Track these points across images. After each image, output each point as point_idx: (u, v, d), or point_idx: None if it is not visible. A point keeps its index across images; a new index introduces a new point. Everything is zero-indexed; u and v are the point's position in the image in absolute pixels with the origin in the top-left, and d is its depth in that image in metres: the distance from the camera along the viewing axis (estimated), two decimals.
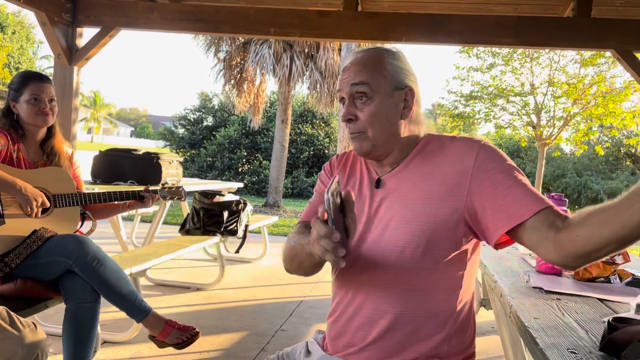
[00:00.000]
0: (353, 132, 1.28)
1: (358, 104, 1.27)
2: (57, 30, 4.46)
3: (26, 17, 35.21)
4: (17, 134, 2.30)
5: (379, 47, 1.32)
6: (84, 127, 54.01)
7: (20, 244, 2.19)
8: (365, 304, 1.25)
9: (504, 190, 1.15)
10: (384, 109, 1.26)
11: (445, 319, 1.22)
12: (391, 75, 1.27)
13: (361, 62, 1.28)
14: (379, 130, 1.26)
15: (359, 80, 1.26)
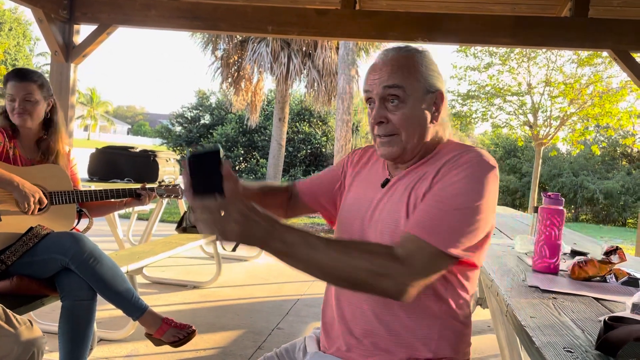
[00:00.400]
0: (383, 134, 1.24)
1: (389, 106, 1.22)
2: (54, 27, 4.44)
3: (23, 14, 35.08)
4: (12, 132, 2.30)
5: (409, 46, 1.27)
6: (80, 124, 53.87)
7: (16, 241, 2.18)
8: (349, 303, 1.26)
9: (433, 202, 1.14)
10: (417, 113, 1.22)
11: (428, 323, 1.20)
12: (424, 78, 1.23)
13: (394, 63, 1.23)
14: (412, 134, 1.23)
15: (392, 83, 1.21)
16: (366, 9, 4.61)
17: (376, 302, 1.21)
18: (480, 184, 1.14)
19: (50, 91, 2.39)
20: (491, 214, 1.17)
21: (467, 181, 1.14)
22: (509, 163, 19.91)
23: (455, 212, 1.12)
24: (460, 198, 1.13)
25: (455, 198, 1.13)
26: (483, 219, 1.14)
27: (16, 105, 2.26)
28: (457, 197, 1.13)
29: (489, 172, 1.16)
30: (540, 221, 1.72)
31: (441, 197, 1.14)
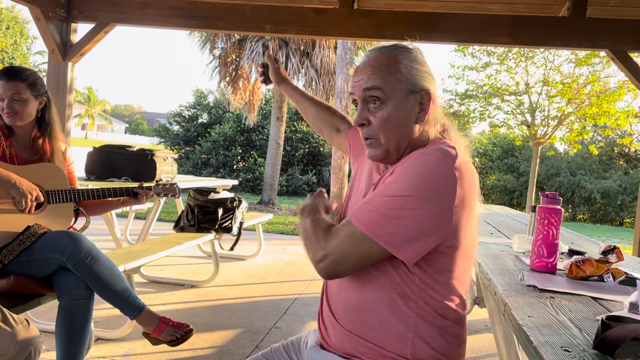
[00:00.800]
0: (365, 136, 1.25)
1: (371, 107, 1.22)
2: (52, 25, 4.43)
3: (20, 12, 35.00)
4: (7, 130, 2.29)
5: (394, 45, 1.25)
6: (77, 123, 53.76)
7: (13, 240, 2.17)
8: (334, 296, 1.30)
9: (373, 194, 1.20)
10: (398, 114, 1.21)
11: (402, 320, 1.18)
12: (406, 78, 1.21)
13: (374, 64, 1.22)
14: (391, 136, 1.22)
15: (371, 85, 1.21)
16: (364, 8, 4.61)
17: (353, 297, 1.23)
18: (416, 175, 1.12)
19: (43, 89, 2.35)
20: (436, 209, 1.11)
21: (404, 172, 1.15)
22: (507, 162, 19.93)
23: (381, 199, 1.15)
24: (392, 187, 1.15)
25: (388, 186, 1.16)
26: (412, 210, 1.11)
27: (5, 105, 2.23)
28: (390, 185, 1.16)
29: (434, 164, 1.12)
30: (538, 220, 1.72)
31: (381, 186, 1.20)
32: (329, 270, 1.18)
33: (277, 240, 7.48)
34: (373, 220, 1.13)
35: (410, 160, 1.17)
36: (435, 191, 1.11)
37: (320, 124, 1.80)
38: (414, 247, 1.12)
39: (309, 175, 17.84)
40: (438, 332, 1.20)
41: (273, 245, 6.96)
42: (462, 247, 1.18)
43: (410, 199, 1.11)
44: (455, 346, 1.23)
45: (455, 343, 1.23)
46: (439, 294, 1.19)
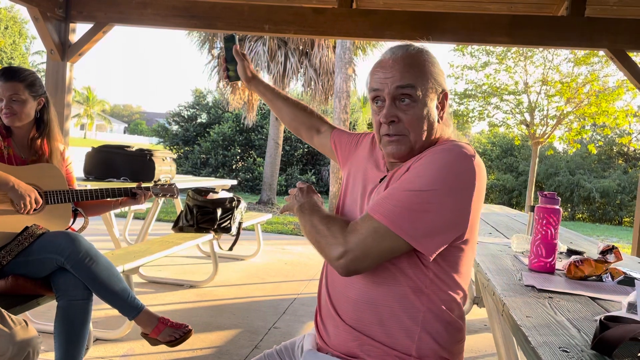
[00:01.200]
0: (393, 133, 1.24)
1: (401, 105, 1.23)
2: (50, 25, 4.43)
3: (19, 12, 34.97)
4: (5, 131, 2.28)
5: (415, 46, 1.27)
6: (76, 123, 53.72)
7: (11, 241, 2.17)
8: (338, 293, 1.30)
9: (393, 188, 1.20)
10: (427, 113, 1.24)
11: (412, 315, 1.20)
12: (433, 77, 1.24)
13: (406, 62, 1.23)
14: (421, 134, 1.24)
15: (405, 83, 1.21)
16: (363, 8, 4.61)
17: (362, 291, 1.24)
18: (439, 170, 1.15)
19: (42, 90, 2.35)
20: (457, 204, 1.14)
21: (426, 167, 1.16)
22: (506, 162, 19.94)
23: (404, 193, 1.16)
24: (415, 181, 1.16)
25: (409, 181, 1.16)
26: (436, 205, 1.13)
27: (3, 106, 2.23)
28: (411, 180, 1.16)
29: (455, 159, 1.16)
30: (537, 220, 1.72)
31: (400, 181, 1.19)
32: (349, 267, 1.16)
33: (276, 240, 7.48)
34: (397, 214, 1.14)
35: (430, 156, 1.18)
36: (458, 186, 1.14)
37: (297, 125, 1.74)
38: (436, 241, 1.15)
39: (308, 175, 17.84)
40: (444, 327, 1.22)
41: (272, 245, 6.96)
42: (472, 241, 1.23)
43: (435, 193, 1.13)
44: (457, 342, 1.26)
45: (458, 338, 1.26)
46: (448, 288, 1.23)
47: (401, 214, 1.14)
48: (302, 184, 1.41)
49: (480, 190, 1.18)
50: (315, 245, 1.24)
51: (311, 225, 1.26)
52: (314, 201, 1.33)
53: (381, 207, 1.16)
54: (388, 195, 1.17)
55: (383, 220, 1.14)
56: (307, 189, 1.38)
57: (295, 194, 1.38)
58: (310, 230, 1.26)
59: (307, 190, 1.37)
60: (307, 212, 1.29)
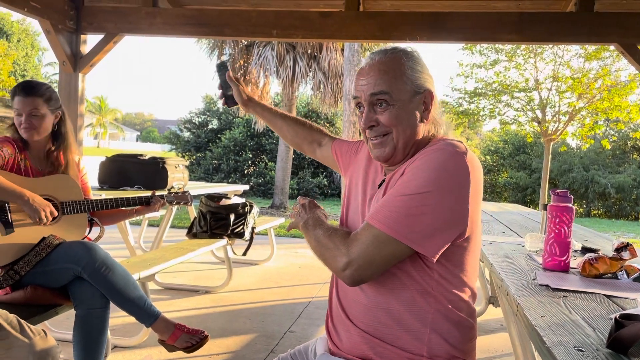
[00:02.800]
0: (375, 136, 1.27)
1: (378, 109, 1.26)
2: (62, 37, 4.49)
3: (31, 25, 35.41)
4: (22, 143, 2.32)
5: (395, 48, 1.29)
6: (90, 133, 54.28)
7: (29, 252, 2.21)
8: (349, 298, 1.31)
9: (389, 195, 1.20)
10: (405, 114, 1.25)
11: (420, 317, 1.21)
12: (410, 80, 1.25)
13: (380, 68, 1.25)
14: (402, 133, 1.25)
15: (378, 90, 1.24)
16: (370, 10, 4.61)
17: (371, 296, 1.25)
18: (433, 171, 1.16)
19: (58, 103, 2.39)
20: (454, 202, 1.16)
21: (420, 169, 1.17)
22: (519, 160, 19.78)
23: (400, 198, 1.16)
24: (410, 185, 1.16)
25: (405, 186, 1.17)
26: (432, 206, 1.14)
27: (23, 120, 2.27)
28: (407, 184, 1.17)
29: (448, 158, 1.17)
30: (550, 219, 1.71)
31: (396, 186, 1.20)
32: (355, 276, 1.17)
33: (289, 244, 7.49)
34: (395, 220, 1.15)
35: (423, 157, 1.19)
36: (452, 185, 1.15)
37: (299, 142, 1.76)
38: (436, 242, 1.16)
39: (320, 178, 17.85)
40: (454, 326, 1.23)
41: (285, 249, 6.97)
42: (474, 238, 1.24)
43: (430, 194, 1.14)
44: (469, 340, 1.27)
45: (469, 337, 1.27)
46: (454, 287, 1.24)
47: (399, 219, 1.15)
48: (303, 200, 1.41)
49: (476, 187, 1.18)
50: (321, 258, 1.26)
51: (315, 239, 1.27)
52: (317, 215, 1.34)
53: (379, 214, 1.17)
54: (385, 202, 1.19)
55: (382, 227, 1.16)
56: (309, 204, 1.39)
57: (299, 210, 1.39)
58: (316, 245, 1.27)
59: (309, 206, 1.39)
60: (311, 227, 1.30)
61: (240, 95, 1.73)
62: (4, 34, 32.21)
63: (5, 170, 2.23)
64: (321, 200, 16.91)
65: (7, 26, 33.28)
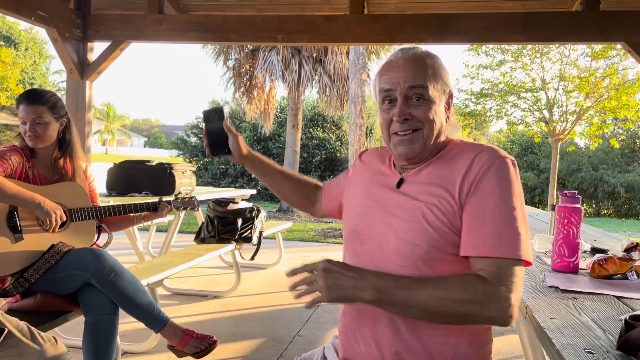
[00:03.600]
0: (405, 130, 1.25)
1: (412, 103, 1.25)
2: (69, 45, 4.53)
3: (38, 34, 35.72)
4: (30, 152, 2.34)
5: (424, 49, 1.30)
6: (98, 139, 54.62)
7: (38, 259, 2.22)
8: (366, 306, 1.24)
9: (483, 218, 1.15)
10: (438, 112, 1.27)
11: (447, 326, 1.20)
12: (443, 81, 1.28)
13: (418, 62, 1.26)
14: (433, 129, 1.26)
15: (418, 83, 1.24)
16: (375, 13, 4.62)
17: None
18: (511, 183, 1.18)
19: (63, 110, 2.40)
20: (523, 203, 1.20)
21: (500, 186, 1.17)
22: (527, 160, 19.69)
23: (506, 219, 1.15)
24: (503, 205, 1.16)
25: (499, 207, 1.16)
26: (523, 211, 1.18)
27: (27, 129, 2.28)
28: (499, 205, 1.16)
29: (511, 167, 1.20)
30: (558, 220, 1.70)
31: (486, 211, 1.16)
32: (515, 314, 1.11)
33: (297, 248, 7.49)
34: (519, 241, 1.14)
35: (494, 170, 1.18)
36: (520, 187, 1.21)
37: (301, 199, 1.64)
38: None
39: (327, 181, 17.82)
40: (475, 330, 1.23)
41: (294, 252, 6.97)
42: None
43: (520, 207, 1.17)
44: (487, 343, 1.27)
45: (487, 340, 1.27)
46: None
47: (515, 238, 1.14)
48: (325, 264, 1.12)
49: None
50: (458, 318, 1.12)
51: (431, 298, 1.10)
52: (381, 275, 1.13)
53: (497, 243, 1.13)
54: (493, 229, 1.14)
55: (510, 254, 1.12)
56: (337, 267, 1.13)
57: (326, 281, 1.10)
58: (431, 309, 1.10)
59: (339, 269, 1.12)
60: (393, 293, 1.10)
61: (239, 147, 1.53)
62: (12, 42, 32.51)
63: (14, 179, 2.24)
64: None
65: (15, 35, 33.60)
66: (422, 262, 1.19)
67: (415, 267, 1.19)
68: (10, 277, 2.23)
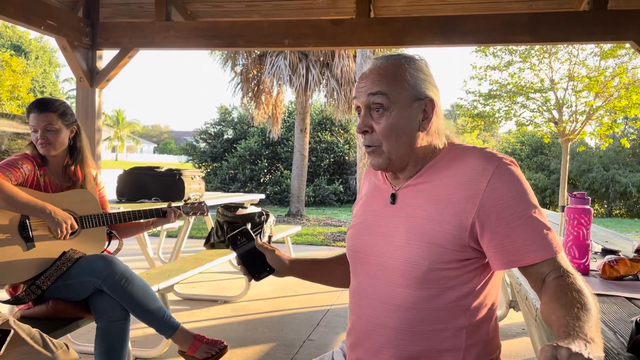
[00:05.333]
0: (368, 144, 1.23)
1: (374, 115, 1.21)
2: (78, 54, 4.57)
3: (48, 42, 36.09)
4: (41, 159, 2.37)
5: (399, 54, 1.25)
6: (107, 146, 55.00)
7: (50, 266, 2.24)
8: (373, 318, 1.24)
9: (508, 230, 1.13)
10: (402, 121, 1.20)
11: (453, 336, 1.18)
12: (411, 85, 1.21)
13: (380, 71, 1.22)
14: (395, 144, 1.21)
15: (376, 90, 1.20)
16: (381, 16, 4.62)
17: (401, 319, 1.20)
18: (525, 185, 1.19)
19: (73, 118, 2.43)
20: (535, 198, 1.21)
21: (517, 189, 1.17)
22: (537, 161, 19.56)
23: (532, 220, 1.15)
24: (522, 207, 1.15)
25: (522, 211, 1.15)
26: (539, 206, 1.19)
27: (39, 136, 2.31)
28: (521, 209, 1.15)
29: (517, 167, 1.21)
30: (567, 222, 1.69)
31: (510, 219, 1.14)
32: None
33: (306, 252, 7.50)
34: (555, 238, 1.15)
35: (508, 177, 1.17)
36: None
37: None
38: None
39: (336, 184, 17.84)
40: (485, 334, 1.24)
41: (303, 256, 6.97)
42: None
43: (538, 208, 1.18)
44: (497, 348, 1.28)
45: (496, 344, 1.28)
46: (488, 298, 1.25)
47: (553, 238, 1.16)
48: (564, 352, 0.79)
49: None
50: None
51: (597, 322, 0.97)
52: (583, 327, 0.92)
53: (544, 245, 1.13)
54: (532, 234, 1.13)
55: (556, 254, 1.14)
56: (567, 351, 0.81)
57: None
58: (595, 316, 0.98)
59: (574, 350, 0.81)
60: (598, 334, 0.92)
61: (280, 261, 1.39)
62: (22, 51, 32.86)
63: (26, 187, 2.27)
64: (337, 207, 16.89)
65: (26, 44, 33.97)
66: (425, 281, 1.17)
67: (418, 286, 1.17)
68: (23, 285, 2.25)
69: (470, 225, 1.15)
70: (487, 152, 1.20)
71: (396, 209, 1.25)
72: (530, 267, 1.14)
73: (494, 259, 1.16)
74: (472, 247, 1.17)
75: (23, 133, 7.63)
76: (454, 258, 1.16)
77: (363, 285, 1.28)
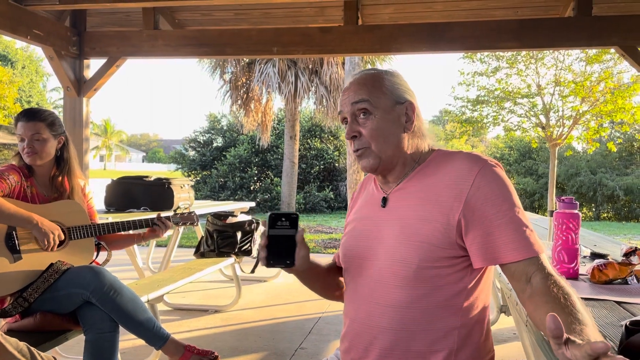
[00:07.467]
0: (358, 148, 1.30)
1: (360, 120, 1.29)
2: (65, 63, 4.55)
3: (34, 52, 35.88)
4: (28, 170, 2.35)
5: (375, 68, 1.37)
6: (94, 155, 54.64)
7: (37, 278, 2.21)
8: (367, 320, 1.27)
9: (490, 227, 1.17)
10: (386, 124, 1.28)
11: (445, 337, 1.21)
12: (390, 91, 1.30)
13: (360, 81, 1.31)
14: (383, 143, 1.28)
15: (359, 98, 1.29)
16: (369, 24, 4.65)
17: (394, 319, 1.23)
18: (509, 187, 1.22)
19: (61, 129, 2.41)
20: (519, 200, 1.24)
21: (502, 189, 1.20)
22: (525, 165, 19.72)
23: (516, 221, 1.17)
24: (512, 210, 1.18)
25: (505, 210, 1.18)
26: (521, 207, 1.21)
27: (25, 145, 2.30)
28: (505, 208, 1.18)
29: (501, 169, 1.24)
30: (556, 226, 1.70)
31: (493, 217, 1.18)
32: None
33: None
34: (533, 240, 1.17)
35: (492, 178, 1.21)
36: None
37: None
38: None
39: (326, 191, 17.85)
40: (477, 339, 1.26)
41: None
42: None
43: (521, 209, 1.20)
44: (489, 352, 1.32)
45: (488, 348, 1.32)
46: (478, 301, 1.28)
47: (534, 238, 1.18)
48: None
49: None
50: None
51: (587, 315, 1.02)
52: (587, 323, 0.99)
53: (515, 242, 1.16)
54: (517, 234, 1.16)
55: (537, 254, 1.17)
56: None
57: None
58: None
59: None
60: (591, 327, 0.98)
61: (307, 261, 1.29)
62: (8, 61, 32.63)
63: (12, 198, 2.24)
64: (328, 213, 16.88)
65: (12, 53, 33.73)
66: (417, 280, 1.21)
67: (410, 286, 1.21)
68: (10, 297, 2.22)
69: (456, 222, 1.19)
70: (473, 155, 1.26)
71: (387, 212, 1.30)
72: (513, 266, 1.16)
73: (476, 255, 1.20)
74: (460, 245, 1.21)
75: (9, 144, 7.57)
76: (443, 256, 1.20)
77: (358, 290, 1.31)
